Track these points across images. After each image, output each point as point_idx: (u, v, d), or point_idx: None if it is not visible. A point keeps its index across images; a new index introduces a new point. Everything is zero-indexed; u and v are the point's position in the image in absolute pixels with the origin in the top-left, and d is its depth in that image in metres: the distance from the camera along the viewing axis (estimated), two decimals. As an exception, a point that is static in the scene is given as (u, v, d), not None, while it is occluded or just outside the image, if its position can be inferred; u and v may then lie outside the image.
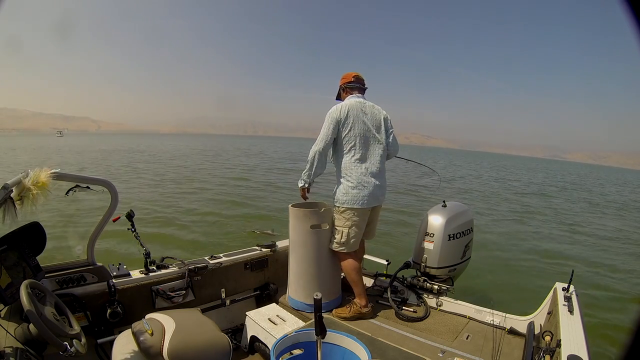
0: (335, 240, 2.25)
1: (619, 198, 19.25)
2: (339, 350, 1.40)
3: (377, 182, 2.21)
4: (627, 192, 24.77)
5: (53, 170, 1.55)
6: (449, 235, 2.40)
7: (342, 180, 2.21)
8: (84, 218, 6.06)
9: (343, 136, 2.18)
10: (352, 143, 2.18)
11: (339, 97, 2.40)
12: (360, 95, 2.31)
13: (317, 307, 1.18)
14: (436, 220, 2.43)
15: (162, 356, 1.42)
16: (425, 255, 2.44)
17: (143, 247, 2.24)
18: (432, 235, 2.42)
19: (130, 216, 2.22)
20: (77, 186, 1.76)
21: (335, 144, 2.24)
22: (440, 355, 1.85)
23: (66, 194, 1.77)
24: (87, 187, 1.79)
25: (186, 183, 12.37)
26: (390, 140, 2.32)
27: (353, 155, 2.19)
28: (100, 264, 2.00)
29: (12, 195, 1.40)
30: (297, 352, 1.44)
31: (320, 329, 1.22)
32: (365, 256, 2.64)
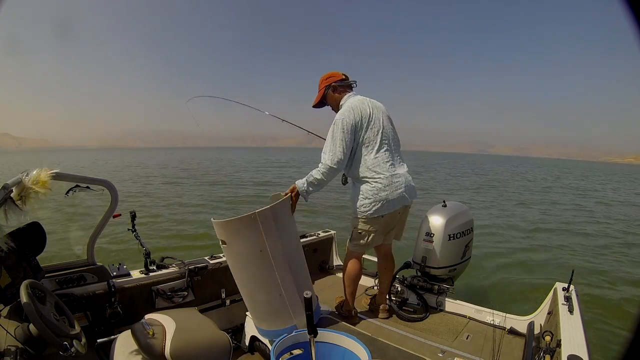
0: (353, 241, 2.14)
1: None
2: (339, 350, 1.40)
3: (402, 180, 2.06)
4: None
5: (53, 170, 1.55)
6: (449, 235, 2.40)
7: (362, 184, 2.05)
8: (84, 218, 6.07)
9: (362, 140, 1.99)
10: (373, 143, 2.01)
11: (324, 99, 2.16)
12: (355, 93, 2.14)
13: (308, 306, 1.18)
14: (436, 221, 2.43)
15: (164, 356, 1.42)
16: (425, 256, 2.44)
17: (143, 247, 2.25)
18: (432, 235, 2.42)
19: (133, 216, 2.23)
20: (77, 186, 1.76)
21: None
22: (440, 355, 1.85)
23: (66, 194, 1.77)
24: (87, 187, 1.79)
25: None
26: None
27: (378, 155, 2.02)
28: (100, 264, 2.00)
29: (12, 195, 1.40)
30: (297, 352, 1.44)
31: (312, 328, 1.22)
32: (365, 256, 2.64)
